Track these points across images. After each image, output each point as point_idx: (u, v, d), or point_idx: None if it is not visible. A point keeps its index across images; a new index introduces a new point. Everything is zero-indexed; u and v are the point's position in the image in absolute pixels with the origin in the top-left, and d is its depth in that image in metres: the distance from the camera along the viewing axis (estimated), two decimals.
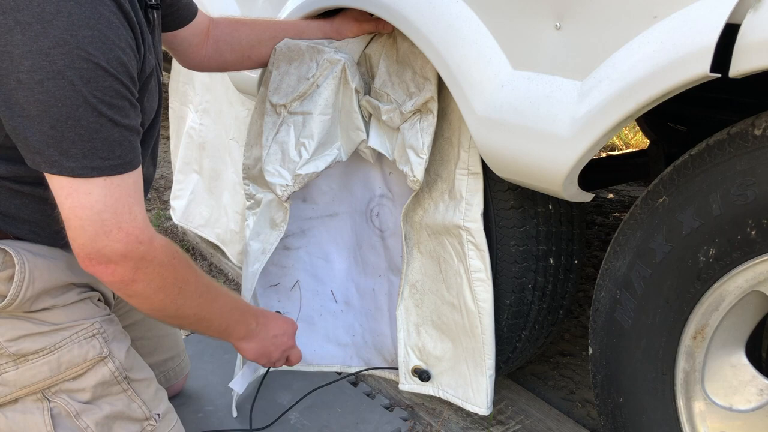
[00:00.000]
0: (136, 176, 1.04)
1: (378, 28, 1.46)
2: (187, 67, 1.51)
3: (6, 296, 1.09)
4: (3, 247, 1.08)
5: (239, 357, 1.59)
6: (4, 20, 0.90)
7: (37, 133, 0.94)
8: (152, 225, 1.07)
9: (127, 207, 1.01)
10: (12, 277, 1.09)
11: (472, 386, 1.51)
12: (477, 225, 1.38)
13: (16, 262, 1.08)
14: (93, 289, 1.24)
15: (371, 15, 1.43)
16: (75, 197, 0.97)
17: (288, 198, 1.47)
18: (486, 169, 1.33)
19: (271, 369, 1.78)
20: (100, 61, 0.94)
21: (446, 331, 1.54)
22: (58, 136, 0.94)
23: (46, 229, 1.13)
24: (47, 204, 1.06)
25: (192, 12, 1.41)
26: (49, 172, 0.97)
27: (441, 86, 1.32)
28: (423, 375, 1.60)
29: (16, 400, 1.15)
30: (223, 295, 1.25)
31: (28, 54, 0.90)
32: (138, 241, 1.02)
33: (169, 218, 2.64)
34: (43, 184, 1.01)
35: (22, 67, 0.90)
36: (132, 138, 1.02)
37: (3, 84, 0.92)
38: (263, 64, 1.53)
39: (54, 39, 0.91)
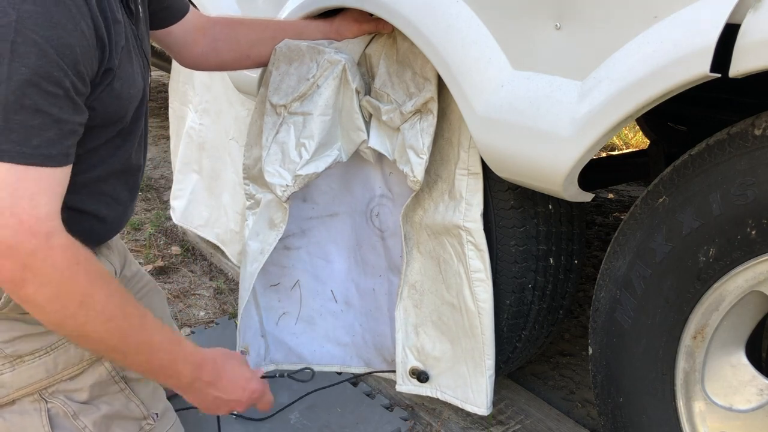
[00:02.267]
0: (57, 175, 0.93)
1: (378, 28, 1.46)
2: (185, 66, 1.51)
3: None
4: None
5: None
6: None
7: None
8: (59, 220, 0.92)
9: (29, 193, 0.89)
10: None
11: (471, 387, 1.51)
12: (477, 225, 1.38)
13: None
14: None
15: (371, 15, 1.43)
16: None
17: (288, 198, 1.47)
18: (486, 169, 1.33)
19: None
20: (38, 39, 0.87)
21: (446, 331, 1.54)
22: None
23: None
24: None
25: (183, 9, 1.40)
26: None
27: (441, 86, 1.31)
28: (421, 376, 1.60)
29: (13, 402, 1.15)
30: (148, 330, 1.04)
31: None
32: (31, 232, 0.89)
33: (169, 218, 2.64)
34: None
35: None
36: (58, 132, 0.92)
37: None
38: (262, 64, 1.53)
39: None
